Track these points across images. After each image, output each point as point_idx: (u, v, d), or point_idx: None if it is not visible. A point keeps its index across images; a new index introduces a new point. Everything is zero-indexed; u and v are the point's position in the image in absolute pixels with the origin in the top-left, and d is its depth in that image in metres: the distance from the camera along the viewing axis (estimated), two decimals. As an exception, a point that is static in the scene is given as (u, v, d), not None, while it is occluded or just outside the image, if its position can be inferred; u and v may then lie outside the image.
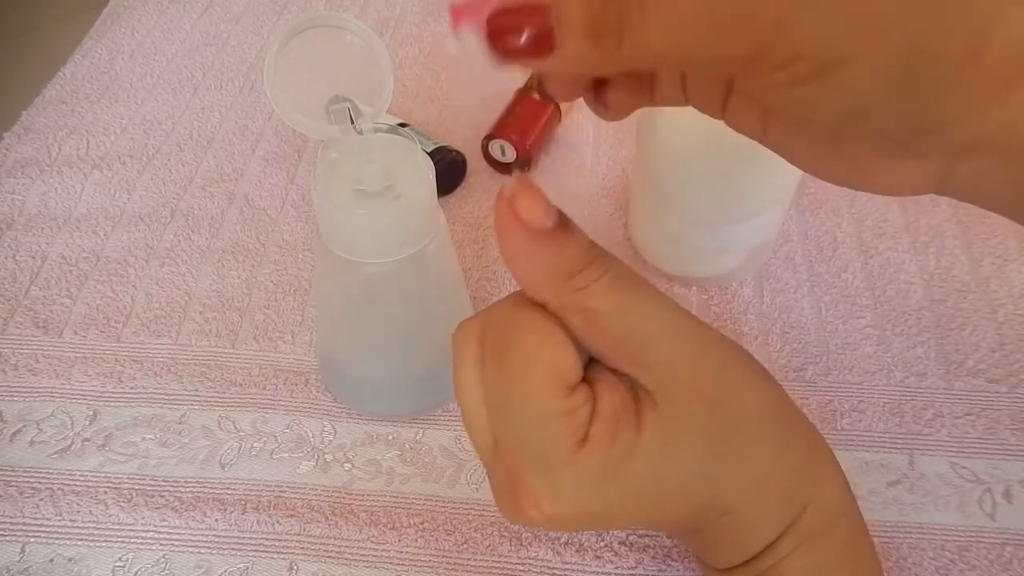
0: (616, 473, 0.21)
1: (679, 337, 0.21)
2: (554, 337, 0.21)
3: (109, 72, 0.58)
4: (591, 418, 0.21)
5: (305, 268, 0.44)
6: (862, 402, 0.37)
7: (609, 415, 0.21)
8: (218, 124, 0.54)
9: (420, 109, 0.54)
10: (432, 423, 0.37)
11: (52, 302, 0.42)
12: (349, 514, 0.34)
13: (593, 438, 0.21)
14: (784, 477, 0.23)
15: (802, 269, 0.43)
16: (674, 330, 0.21)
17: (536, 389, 0.21)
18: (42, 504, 0.34)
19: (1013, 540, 0.33)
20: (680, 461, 0.21)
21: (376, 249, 0.31)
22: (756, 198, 0.38)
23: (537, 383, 0.21)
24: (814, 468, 0.23)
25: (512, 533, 0.33)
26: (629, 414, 0.21)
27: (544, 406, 0.21)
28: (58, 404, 0.38)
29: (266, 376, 0.39)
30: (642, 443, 0.21)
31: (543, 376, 0.21)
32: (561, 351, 0.21)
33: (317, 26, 0.27)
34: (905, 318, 0.41)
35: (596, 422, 0.21)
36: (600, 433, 0.21)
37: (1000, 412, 0.37)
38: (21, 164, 0.51)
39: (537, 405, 0.21)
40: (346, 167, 0.30)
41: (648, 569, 0.32)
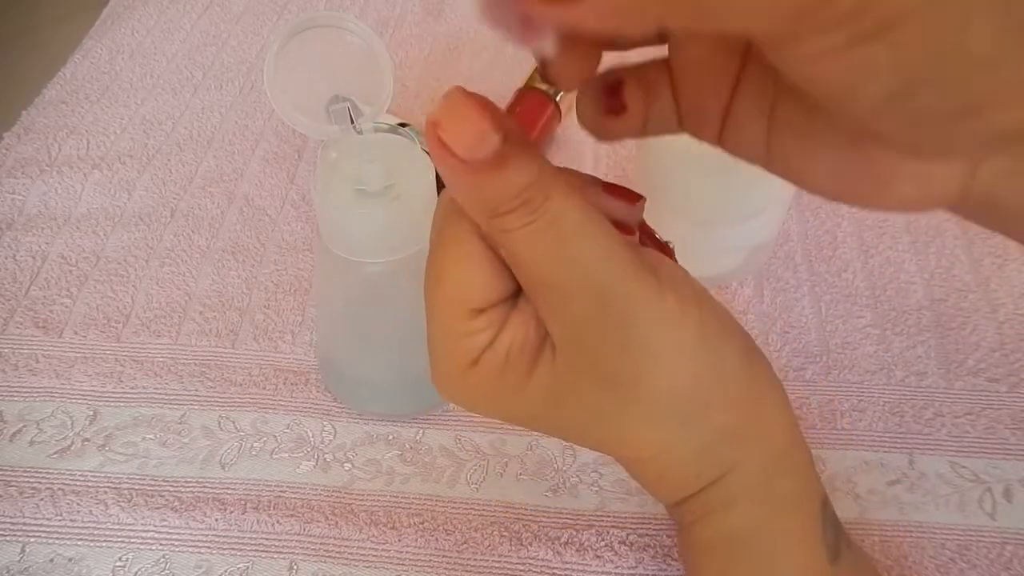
0: (501, 401, 0.22)
1: (601, 301, 0.20)
2: (471, 258, 0.20)
3: (109, 72, 0.58)
4: (486, 347, 0.21)
5: (305, 268, 0.44)
6: (862, 401, 0.37)
7: (503, 351, 0.21)
8: (218, 124, 0.54)
9: (420, 109, 0.54)
10: (432, 423, 0.37)
11: (52, 302, 0.42)
12: (349, 514, 0.34)
13: (481, 366, 0.21)
14: (684, 452, 0.22)
15: (802, 269, 0.43)
16: (599, 292, 0.20)
17: (441, 303, 0.21)
18: (42, 504, 0.34)
19: (1013, 539, 0.33)
20: (565, 413, 0.22)
21: (376, 249, 0.31)
22: (756, 198, 0.38)
23: (441, 299, 0.21)
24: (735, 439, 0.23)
25: (512, 533, 0.33)
26: (525, 355, 0.21)
27: (444, 321, 0.21)
28: (58, 404, 0.38)
29: (266, 376, 0.39)
30: (529, 386, 0.21)
31: (449, 294, 0.21)
32: (472, 275, 0.21)
33: (317, 26, 0.27)
34: (905, 317, 0.41)
35: (488, 353, 0.21)
36: (488, 365, 0.21)
37: (1000, 411, 0.37)
38: (21, 164, 0.51)
39: (438, 318, 0.21)
40: (346, 167, 0.30)
41: (648, 569, 0.32)
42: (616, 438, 0.23)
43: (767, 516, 0.24)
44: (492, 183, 0.19)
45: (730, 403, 0.22)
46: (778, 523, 0.24)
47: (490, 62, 0.58)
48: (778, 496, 0.24)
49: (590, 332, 0.20)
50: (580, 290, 0.20)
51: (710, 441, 0.22)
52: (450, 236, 0.21)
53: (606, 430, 0.22)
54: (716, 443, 0.22)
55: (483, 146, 0.18)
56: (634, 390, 0.21)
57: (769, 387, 0.23)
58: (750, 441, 0.23)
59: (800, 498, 0.24)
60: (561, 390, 0.21)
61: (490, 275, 0.21)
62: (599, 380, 0.21)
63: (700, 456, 0.23)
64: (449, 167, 0.18)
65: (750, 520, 0.23)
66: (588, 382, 0.21)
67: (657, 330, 0.21)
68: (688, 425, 0.22)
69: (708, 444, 0.22)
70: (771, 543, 0.24)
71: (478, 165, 0.18)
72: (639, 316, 0.20)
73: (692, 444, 0.22)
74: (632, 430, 0.22)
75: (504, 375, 0.21)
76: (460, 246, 0.21)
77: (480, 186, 0.19)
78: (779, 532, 0.24)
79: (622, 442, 0.23)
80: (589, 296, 0.20)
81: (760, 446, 0.23)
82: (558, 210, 0.19)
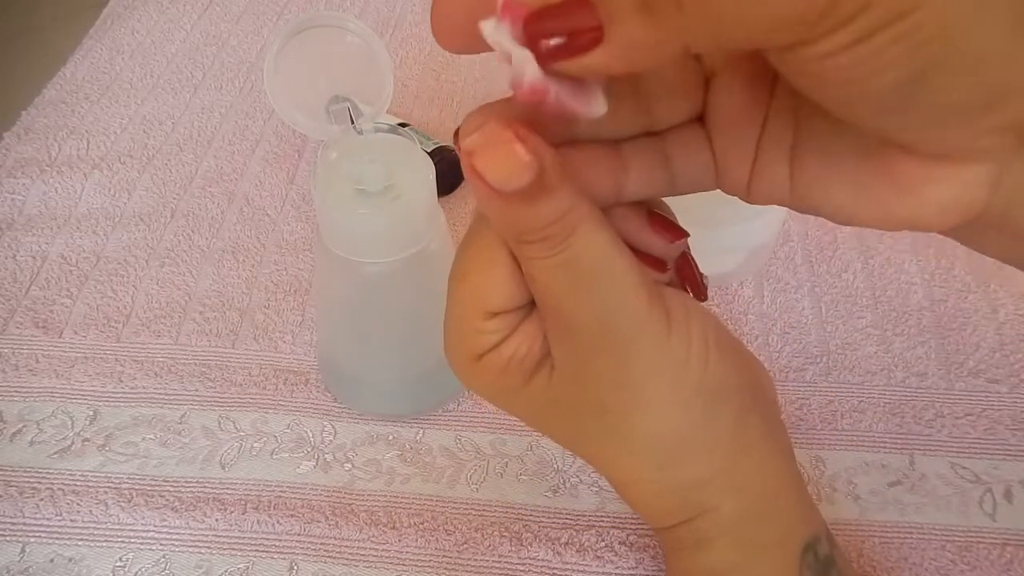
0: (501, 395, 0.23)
1: (605, 340, 0.20)
2: (494, 266, 0.21)
3: (109, 72, 0.58)
4: (492, 348, 0.22)
5: (305, 268, 0.44)
6: (862, 402, 0.37)
7: (505, 356, 0.22)
8: (218, 124, 0.54)
9: (420, 109, 0.54)
10: (432, 423, 0.37)
11: (52, 302, 0.42)
12: (349, 514, 0.34)
13: (484, 363, 0.22)
14: (661, 487, 0.23)
15: (802, 269, 0.43)
16: (605, 331, 0.20)
17: (460, 298, 0.22)
18: (42, 504, 0.34)
19: (1014, 540, 0.33)
20: (555, 425, 0.23)
21: (376, 249, 0.31)
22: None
23: (461, 295, 0.22)
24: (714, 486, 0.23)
25: (512, 533, 0.33)
26: (524, 366, 0.22)
27: (460, 314, 0.22)
28: (58, 404, 0.38)
29: (266, 376, 0.39)
30: (524, 392, 0.22)
31: (468, 292, 0.21)
32: (492, 281, 0.21)
33: (317, 26, 0.27)
34: (906, 318, 0.41)
35: (491, 354, 0.22)
36: (489, 365, 0.22)
37: (1000, 412, 0.37)
38: (21, 164, 0.51)
39: (456, 310, 0.22)
40: (346, 167, 0.30)
41: (648, 569, 0.32)
42: (597, 458, 0.24)
43: (742, 559, 0.24)
44: (520, 214, 0.19)
45: (710, 458, 0.23)
46: (753, 566, 0.24)
47: (490, 62, 0.58)
48: (754, 540, 0.24)
49: (589, 364, 0.21)
50: (586, 326, 0.20)
51: (684, 486, 0.23)
52: (480, 239, 0.21)
53: (590, 449, 0.24)
54: (690, 489, 0.23)
55: (515, 181, 0.18)
56: (620, 425, 0.22)
57: (759, 442, 0.24)
58: (726, 491, 0.23)
59: (779, 541, 0.24)
60: (553, 405, 0.22)
61: (510, 285, 0.21)
62: (589, 407, 0.22)
63: (673, 495, 0.23)
64: (481, 194, 0.19)
65: (724, 561, 0.24)
66: (579, 405, 0.22)
67: (655, 378, 0.21)
68: (664, 469, 0.23)
69: (682, 488, 0.23)
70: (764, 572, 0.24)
71: (509, 196, 0.18)
72: (639, 360, 0.21)
73: (665, 484, 0.23)
74: (613, 457, 0.23)
75: (503, 377, 0.22)
76: (488, 251, 0.21)
77: (508, 215, 0.19)
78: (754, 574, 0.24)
79: (603, 464, 0.24)
80: (594, 333, 0.20)
81: (737, 493, 0.24)
82: (579, 249, 0.19)
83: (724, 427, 0.23)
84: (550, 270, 0.20)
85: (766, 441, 0.24)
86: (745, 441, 0.23)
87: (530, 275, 0.20)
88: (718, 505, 0.23)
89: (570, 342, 0.21)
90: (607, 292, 0.20)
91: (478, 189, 0.19)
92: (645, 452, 0.23)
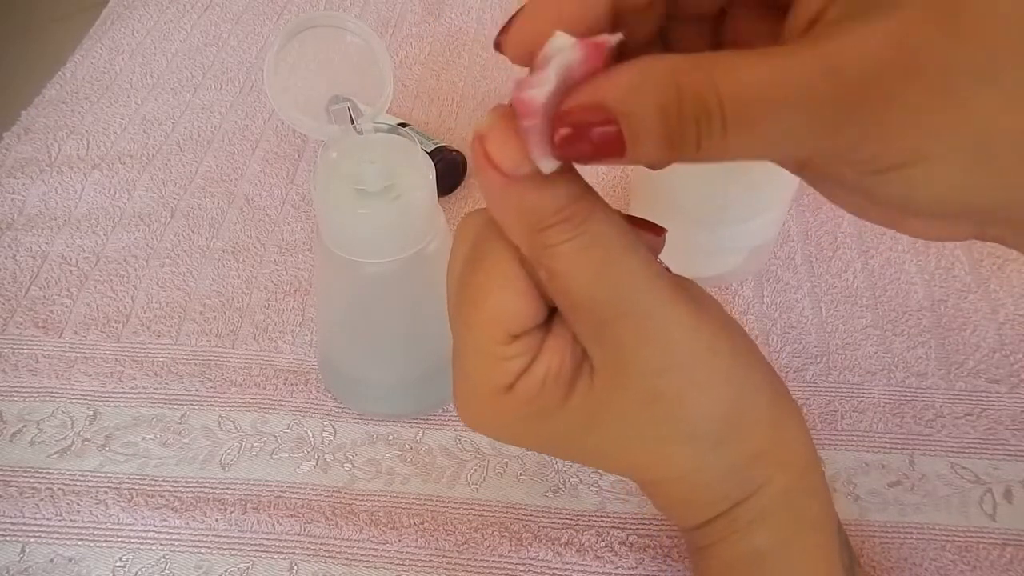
0: (532, 428, 0.22)
1: (642, 325, 0.20)
2: (511, 284, 0.20)
3: (109, 72, 0.58)
4: (522, 371, 0.21)
5: (305, 268, 0.44)
6: (862, 402, 0.37)
7: (539, 376, 0.21)
8: (218, 124, 0.54)
9: (420, 109, 0.54)
10: (432, 423, 0.37)
11: (52, 302, 0.42)
12: (349, 514, 0.34)
13: (516, 391, 0.21)
14: (714, 474, 0.23)
15: (802, 269, 0.43)
16: (640, 315, 0.20)
17: (478, 326, 0.21)
18: (42, 504, 0.34)
19: (1013, 541, 0.33)
20: (597, 436, 0.22)
21: (376, 249, 0.31)
22: (756, 198, 0.38)
23: (480, 321, 0.21)
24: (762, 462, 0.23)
25: (512, 533, 0.33)
26: (561, 380, 0.21)
27: (481, 345, 0.21)
28: (58, 404, 0.38)
29: (266, 376, 0.39)
30: (564, 410, 0.21)
31: (487, 317, 0.20)
32: (512, 300, 0.20)
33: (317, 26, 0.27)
34: (906, 318, 0.41)
35: (524, 379, 0.21)
36: (524, 390, 0.21)
37: (1000, 412, 0.37)
38: (21, 164, 0.51)
39: (475, 341, 0.21)
40: (346, 167, 0.30)
41: (648, 569, 0.32)
42: (647, 459, 0.23)
43: (790, 535, 0.24)
44: (535, 196, 0.19)
45: (760, 427, 0.23)
46: (799, 542, 0.24)
47: (490, 62, 0.58)
48: (800, 516, 0.24)
49: (631, 355, 0.20)
50: (621, 313, 0.20)
51: (740, 462, 0.23)
52: (489, 258, 0.21)
53: (639, 450, 0.22)
54: (745, 465, 0.23)
55: (528, 162, 0.18)
56: (675, 411, 0.21)
57: (791, 411, 0.24)
58: (776, 463, 0.23)
59: (819, 518, 0.25)
60: (598, 411, 0.21)
61: (528, 301, 0.21)
62: (639, 399, 0.21)
63: (729, 476, 0.23)
64: (493, 182, 0.19)
65: (774, 539, 0.24)
66: (628, 402, 0.21)
67: (698, 356, 0.21)
68: (722, 446, 0.22)
69: (738, 465, 0.23)
70: (793, 562, 0.24)
71: (523, 180, 0.18)
72: (679, 341, 0.21)
73: (723, 465, 0.22)
74: (666, 449, 0.22)
75: (538, 400, 0.21)
76: (500, 269, 0.20)
77: (523, 199, 0.19)
78: (800, 550, 0.24)
79: (653, 463, 0.23)
80: (630, 320, 0.20)
81: (785, 467, 0.23)
82: (599, 231, 0.19)
83: (761, 392, 0.23)
84: (575, 254, 0.19)
85: (795, 417, 0.24)
86: (779, 416, 0.23)
87: (554, 272, 0.20)
88: (771, 477, 0.23)
89: (606, 335, 0.20)
90: (635, 273, 0.20)
91: (491, 180, 0.19)
92: (704, 433, 0.22)
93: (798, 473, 0.24)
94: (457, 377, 0.23)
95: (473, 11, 0.63)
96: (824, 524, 0.25)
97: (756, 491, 0.23)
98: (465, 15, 0.63)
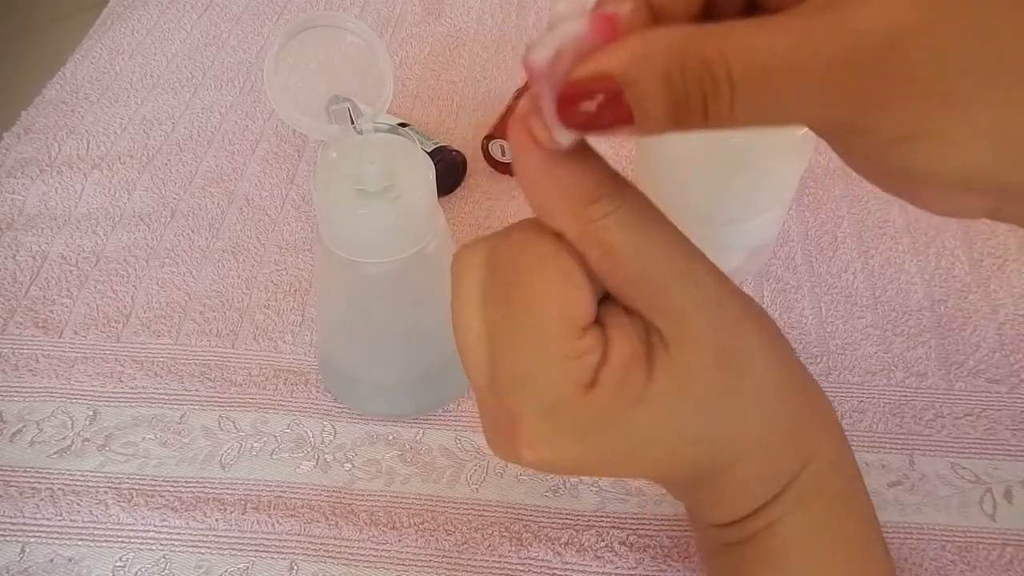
0: (619, 422, 0.20)
1: (698, 284, 0.20)
2: (570, 275, 0.20)
3: (109, 72, 0.58)
4: (600, 363, 0.20)
5: (305, 268, 0.44)
6: (862, 402, 0.37)
7: (619, 362, 0.20)
8: (218, 124, 0.54)
9: (420, 109, 0.54)
10: (432, 423, 0.37)
11: (52, 302, 0.42)
12: (349, 514, 0.34)
13: (601, 384, 0.20)
14: (782, 437, 0.22)
15: (802, 269, 0.43)
16: (693, 276, 0.20)
17: (545, 329, 0.20)
18: (42, 504, 0.34)
19: (1013, 541, 0.33)
20: (685, 414, 0.21)
21: (376, 249, 0.31)
22: (756, 198, 0.38)
23: (547, 323, 0.20)
24: (814, 426, 0.23)
25: (512, 533, 0.33)
26: (640, 362, 0.20)
27: (552, 347, 0.20)
28: (58, 404, 0.38)
29: (266, 376, 0.39)
30: (650, 393, 0.20)
31: (554, 316, 0.20)
32: (576, 291, 0.20)
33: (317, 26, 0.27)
34: (906, 318, 0.41)
35: (605, 368, 0.20)
36: (608, 379, 0.20)
37: (1000, 412, 0.37)
38: (21, 164, 0.51)
39: (545, 346, 0.20)
40: (346, 167, 0.30)
41: (648, 569, 0.32)
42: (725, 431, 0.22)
43: (846, 503, 0.24)
44: (579, 171, 0.19)
45: (805, 387, 0.23)
46: (855, 511, 0.24)
47: (490, 62, 0.58)
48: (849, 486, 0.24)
49: (695, 316, 0.20)
50: (675, 274, 0.20)
51: (799, 420, 0.23)
52: (540, 257, 0.20)
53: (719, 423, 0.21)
54: (801, 427, 0.23)
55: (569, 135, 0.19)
56: (745, 364, 0.21)
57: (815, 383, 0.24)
58: (823, 427, 0.23)
59: (861, 489, 0.25)
60: (680, 385, 0.20)
61: (587, 291, 0.20)
62: (713, 360, 0.21)
63: (790, 444, 0.22)
64: (536, 163, 0.19)
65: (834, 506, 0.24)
66: (704, 366, 0.20)
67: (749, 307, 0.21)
68: (785, 402, 0.22)
69: (795, 430, 0.22)
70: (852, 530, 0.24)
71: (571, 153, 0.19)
72: (730, 295, 0.21)
73: (786, 427, 0.22)
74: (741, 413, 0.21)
75: (624, 387, 0.20)
76: (555, 264, 0.20)
77: (569, 175, 0.19)
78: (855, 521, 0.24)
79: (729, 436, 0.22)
80: (687, 278, 0.20)
81: (830, 433, 0.24)
82: (635, 201, 0.20)
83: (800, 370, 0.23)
84: (622, 223, 0.19)
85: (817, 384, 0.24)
86: (809, 382, 0.23)
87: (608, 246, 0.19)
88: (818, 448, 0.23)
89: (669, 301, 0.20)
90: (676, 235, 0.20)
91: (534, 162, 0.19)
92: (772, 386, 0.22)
93: (838, 442, 0.24)
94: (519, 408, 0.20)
95: (473, 11, 0.63)
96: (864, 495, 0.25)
97: (808, 462, 0.23)
98: (465, 15, 0.63)
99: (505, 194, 0.48)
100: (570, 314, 0.20)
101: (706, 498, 0.24)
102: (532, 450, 0.21)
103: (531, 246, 0.20)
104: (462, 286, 0.21)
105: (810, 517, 0.23)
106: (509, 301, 0.20)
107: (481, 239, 0.22)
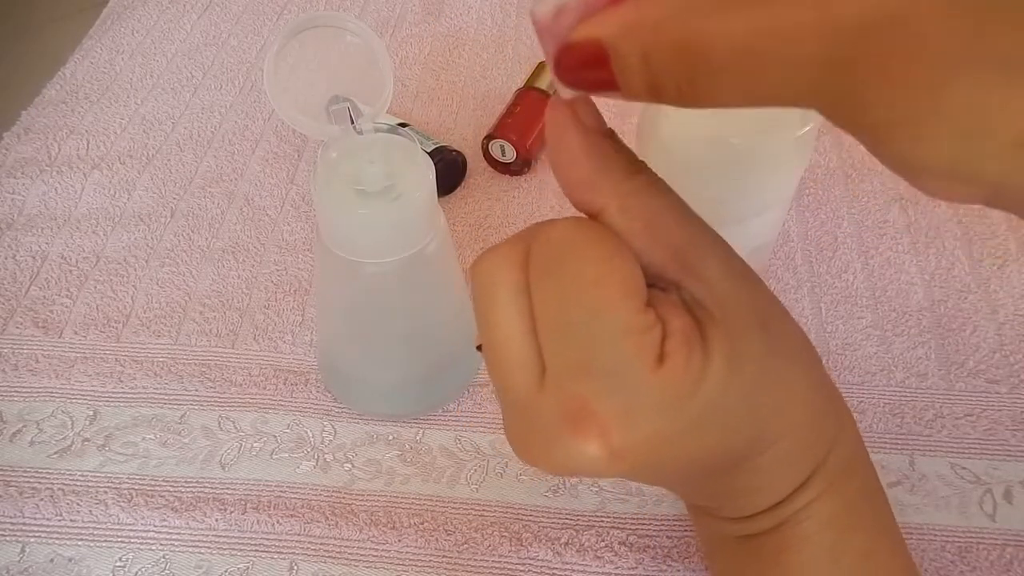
0: (688, 397, 0.20)
1: (729, 252, 0.21)
2: (621, 249, 0.20)
3: (109, 72, 0.58)
4: (664, 337, 0.19)
5: (305, 268, 0.44)
6: (862, 403, 0.37)
7: (681, 334, 0.19)
8: (218, 124, 0.54)
9: (420, 109, 0.54)
10: (432, 423, 0.37)
11: (52, 302, 0.42)
12: (349, 514, 0.34)
13: (670, 357, 0.19)
14: (817, 412, 0.22)
15: (802, 269, 0.43)
16: (724, 244, 0.21)
17: (609, 305, 0.19)
18: (42, 504, 0.34)
19: (1013, 541, 0.33)
20: (740, 385, 0.20)
21: (376, 249, 0.31)
22: (756, 198, 0.38)
23: (609, 298, 0.19)
24: (837, 407, 0.24)
25: (512, 533, 0.33)
26: (696, 334, 0.20)
27: (618, 323, 0.19)
28: (58, 404, 0.38)
29: (266, 376, 0.39)
30: (711, 366, 0.20)
31: (616, 291, 0.19)
32: (631, 266, 0.20)
33: (317, 26, 0.27)
34: (906, 319, 0.41)
35: (670, 341, 0.19)
36: (676, 351, 0.19)
37: (1000, 413, 0.37)
38: (21, 164, 0.51)
39: (611, 322, 0.19)
40: (346, 167, 0.30)
41: (648, 569, 0.32)
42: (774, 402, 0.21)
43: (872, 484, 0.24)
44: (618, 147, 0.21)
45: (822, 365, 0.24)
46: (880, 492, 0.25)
47: (490, 62, 0.58)
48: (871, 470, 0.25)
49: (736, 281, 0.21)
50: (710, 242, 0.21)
51: (823, 408, 0.23)
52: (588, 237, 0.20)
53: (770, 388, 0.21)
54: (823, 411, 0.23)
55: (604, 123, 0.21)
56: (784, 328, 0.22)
57: None
58: (844, 410, 0.24)
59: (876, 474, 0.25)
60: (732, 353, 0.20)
61: (638, 265, 0.20)
62: (760, 324, 0.21)
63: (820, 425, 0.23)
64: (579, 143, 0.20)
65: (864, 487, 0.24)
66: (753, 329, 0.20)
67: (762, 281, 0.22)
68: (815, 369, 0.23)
69: (822, 411, 0.23)
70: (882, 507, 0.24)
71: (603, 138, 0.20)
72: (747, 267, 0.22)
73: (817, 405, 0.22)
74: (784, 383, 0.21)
75: (690, 361, 0.19)
76: (605, 241, 0.20)
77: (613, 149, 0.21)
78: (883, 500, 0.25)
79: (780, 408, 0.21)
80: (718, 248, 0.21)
81: (849, 416, 0.24)
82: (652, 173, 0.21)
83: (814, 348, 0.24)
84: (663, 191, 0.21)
85: None
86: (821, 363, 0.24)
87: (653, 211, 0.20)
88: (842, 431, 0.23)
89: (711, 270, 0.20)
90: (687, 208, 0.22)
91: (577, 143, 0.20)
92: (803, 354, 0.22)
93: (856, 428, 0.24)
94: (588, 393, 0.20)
95: (473, 11, 0.63)
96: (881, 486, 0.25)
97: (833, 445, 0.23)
98: (465, 15, 0.63)
99: (505, 194, 0.48)
100: (631, 287, 0.19)
101: (742, 485, 0.23)
102: (603, 437, 0.19)
103: (579, 230, 0.20)
104: (494, 287, 0.21)
105: (841, 499, 0.23)
106: (562, 286, 0.20)
107: (501, 243, 0.21)
